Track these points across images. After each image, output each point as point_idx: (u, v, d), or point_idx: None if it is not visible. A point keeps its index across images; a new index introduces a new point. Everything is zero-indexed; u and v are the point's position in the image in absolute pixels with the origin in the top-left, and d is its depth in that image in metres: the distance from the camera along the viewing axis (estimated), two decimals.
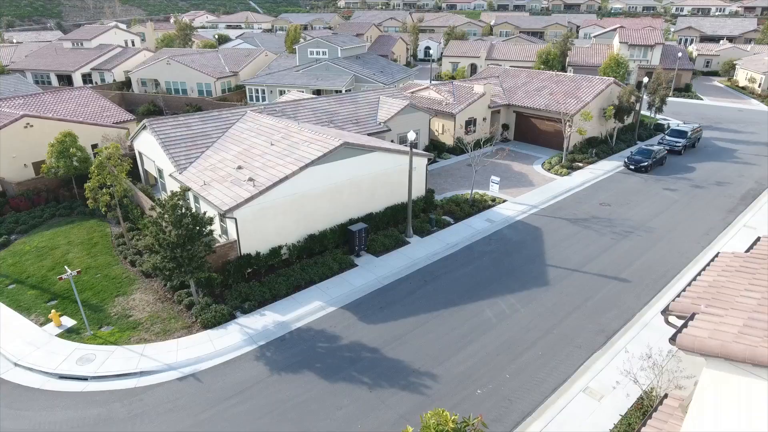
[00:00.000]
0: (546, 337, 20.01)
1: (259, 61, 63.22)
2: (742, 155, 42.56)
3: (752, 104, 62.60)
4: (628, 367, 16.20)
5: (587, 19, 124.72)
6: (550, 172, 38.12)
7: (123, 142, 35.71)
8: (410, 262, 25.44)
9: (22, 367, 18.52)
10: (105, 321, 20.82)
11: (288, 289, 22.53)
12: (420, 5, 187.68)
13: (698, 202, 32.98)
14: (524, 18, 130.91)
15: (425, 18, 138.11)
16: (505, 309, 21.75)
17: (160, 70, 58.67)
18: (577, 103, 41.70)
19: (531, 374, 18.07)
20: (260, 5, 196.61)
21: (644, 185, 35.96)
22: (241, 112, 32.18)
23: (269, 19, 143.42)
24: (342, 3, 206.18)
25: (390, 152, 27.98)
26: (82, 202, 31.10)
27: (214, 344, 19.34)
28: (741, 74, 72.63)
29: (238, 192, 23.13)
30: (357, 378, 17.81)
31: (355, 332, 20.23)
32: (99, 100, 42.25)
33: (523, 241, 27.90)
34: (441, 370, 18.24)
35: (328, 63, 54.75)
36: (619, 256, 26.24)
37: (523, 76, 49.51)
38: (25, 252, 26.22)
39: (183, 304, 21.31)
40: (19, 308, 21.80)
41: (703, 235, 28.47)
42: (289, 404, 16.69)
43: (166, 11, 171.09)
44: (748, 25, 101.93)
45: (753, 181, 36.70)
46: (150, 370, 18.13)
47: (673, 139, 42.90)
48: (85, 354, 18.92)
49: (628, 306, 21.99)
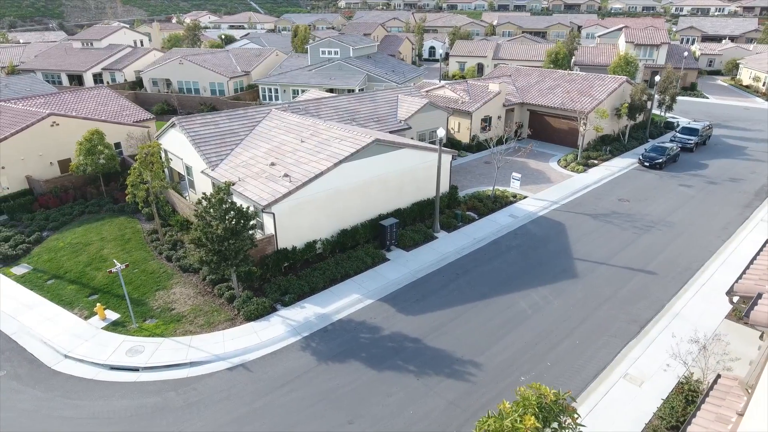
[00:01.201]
0: (581, 327, 20.57)
1: (270, 61, 63.62)
2: (752, 152, 43.28)
3: (757, 102, 63.44)
4: (675, 351, 16.71)
5: (589, 19, 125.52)
6: (566, 170, 38.72)
7: (147, 140, 36.12)
8: (440, 256, 25.96)
9: (72, 358, 18.93)
10: (148, 314, 21.24)
11: (325, 283, 23.02)
12: (421, 5, 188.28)
13: (714, 198, 33.64)
14: (526, 18, 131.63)
15: (427, 18, 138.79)
16: (538, 300, 22.31)
17: (172, 69, 58.99)
18: (591, 101, 42.33)
19: (570, 362, 18.61)
20: (261, 5, 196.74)
21: (660, 182, 36.61)
22: (266, 111, 32.62)
23: (272, 20, 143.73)
24: (342, 3, 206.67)
25: (417, 149, 28.51)
26: (111, 199, 31.60)
27: (259, 335, 19.81)
28: (745, 73, 73.52)
29: (274, 187, 23.59)
30: (403, 366, 18.32)
31: (395, 323, 20.74)
32: (118, 99, 42.59)
33: (547, 235, 28.46)
34: (483, 358, 18.77)
35: (341, 62, 55.22)
36: (643, 249, 26.83)
37: (536, 75, 50.13)
38: (59, 248, 26.60)
39: (224, 298, 21.76)
40: (62, 302, 22.20)
41: (722, 230, 29.10)
42: (340, 392, 17.18)
43: (167, 12, 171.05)
44: (749, 25, 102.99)
45: (765, 177, 37.40)
46: (200, 361, 18.58)
47: (685, 136, 43.58)
48: (134, 346, 19.35)
49: (657, 297, 22.58)
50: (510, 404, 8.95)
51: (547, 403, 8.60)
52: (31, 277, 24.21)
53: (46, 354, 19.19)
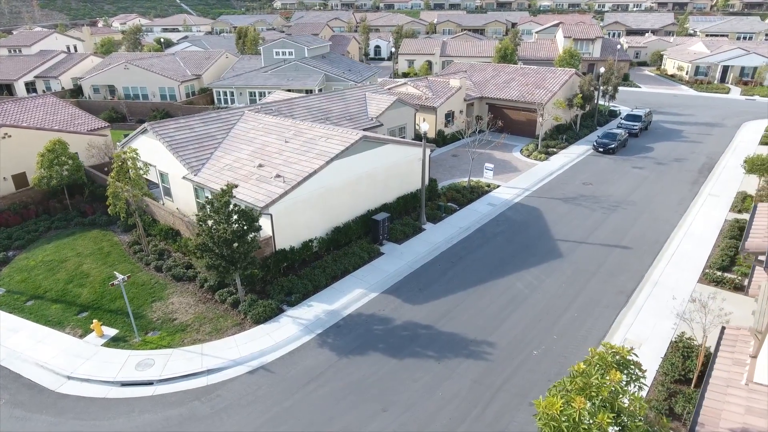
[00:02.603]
0: (576, 301, 22.03)
1: (221, 64, 61.93)
2: (688, 135, 47.48)
3: (683, 90, 69.38)
4: (679, 311, 18.36)
5: (522, 17, 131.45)
6: (530, 158, 40.76)
7: (109, 149, 34.39)
8: (432, 246, 26.73)
9: (76, 379, 17.96)
10: (149, 326, 20.46)
11: (327, 280, 23.14)
12: (358, 5, 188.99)
13: (665, 177, 36.71)
14: (464, 16, 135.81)
15: (368, 17, 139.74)
16: (532, 281, 23.61)
17: (116, 75, 56.03)
18: (546, 93, 44.77)
19: (574, 333, 19.95)
20: (191, 7, 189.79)
21: (615, 165, 39.43)
22: (239, 113, 32.00)
23: (208, 22, 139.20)
24: (278, 4, 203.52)
25: (400, 144, 29.16)
26: (78, 212, 29.85)
27: (272, 337, 19.66)
28: (669, 63, 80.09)
29: (268, 189, 23.37)
30: (421, 353, 18.88)
31: (404, 313, 21.25)
32: (67, 107, 40.05)
33: (526, 220, 30.00)
34: (494, 338, 19.71)
35: (297, 63, 54.81)
36: (614, 227, 28.95)
37: (490, 70, 52.19)
38: (31, 267, 24.87)
39: (227, 303, 21.35)
40: (49, 323, 20.88)
41: (678, 205, 31.92)
42: (366, 383, 17.48)
43: (91, 15, 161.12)
44: (667, 19, 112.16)
45: (704, 156, 41.25)
46: (217, 368, 18.21)
47: (630, 123, 47.06)
48: (143, 360, 18.62)
49: (636, 269, 24.55)
50: (583, 365, 9.75)
51: (622, 357, 9.49)
52: (5, 299, 22.53)
53: (46, 377, 18.07)
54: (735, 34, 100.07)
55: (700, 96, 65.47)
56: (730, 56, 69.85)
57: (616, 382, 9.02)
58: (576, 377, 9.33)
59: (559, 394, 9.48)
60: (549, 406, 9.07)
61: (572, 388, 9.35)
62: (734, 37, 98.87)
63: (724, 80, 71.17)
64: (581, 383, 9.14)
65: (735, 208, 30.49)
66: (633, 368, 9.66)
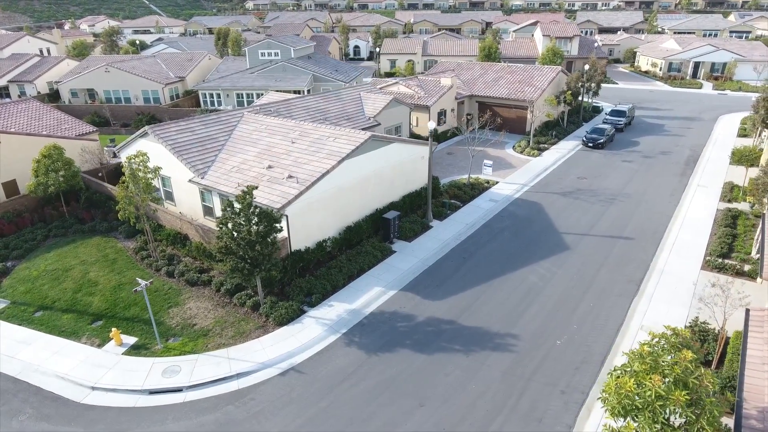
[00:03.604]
0: (589, 291, 22.67)
1: (204, 65, 60.94)
2: (670, 129, 49.20)
3: (658, 86, 71.77)
4: (701, 295, 18.96)
5: (497, 16, 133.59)
6: (523, 155, 41.54)
7: (100, 155, 33.53)
8: (441, 243, 27.02)
9: (102, 389, 17.51)
10: (169, 333, 20.09)
11: (344, 280, 23.15)
12: (332, 5, 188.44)
13: (654, 170, 37.99)
14: (440, 16, 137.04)
15: (344, 18, 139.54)
16: (545, 273, 24.15)
17: (97, 78, 54.46)
18: (535, 90, 45.72)
19: (592, 322, 20.53)
20: (161, 9, 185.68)
21: (605, 159, 40.57)
22: (238, 114, 31.65)
23: (181, 23, 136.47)
24: (250, 5, 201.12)
25: (406, 143, 29.37)
26: (75, 219, 28.99)
27: (297, 338, 19.58)
28: (643, 60, 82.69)
29: (282, 190, 23.22)
30: (449, 347, 19.12)
31: (425, 309, 21.46)
32: (51, 112, 38.81)
33: (529, 215, 30.62)
34: (517, 330, 20.11)
35: (284, 64, 54.38)
36: (614, 219, 29.84)
37: (477, 68, 52.91)
38: (34, 277, 24.06)
39: (247, 306, 21.14)
40: (63, 334, 20.27)
41: (670, 196, 33.10)
42: (399, 379, 17.61)
43: (56, 17, 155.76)
44: (636, 17, 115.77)
45: (688, 149, 42.85)
46: (246, 371, 18.04)
47: (615, 118, 48.45)
48: (168, 366, 18.29)
49: (641, 258, 25.39)
50: (646, 347, 10.16)
51: (683, 339, 9.92)
52: (12, 311, 21.74)
53: (69, 389, 17.56)
54: (701, 32, 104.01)
55: (675, 91, 67.86)
56: (701, 53, 72.65)
57: (688, 361, 9.45)
58: (646, 357, 9.72)
59: (626, 375, 9.84)
60: (621, 385, 9.41)
61: (641, 369, 9.73)
62: (700, 34, 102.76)
63: (696, 76, 73.95)
64: (651, 363, 9.53)
65: (725, 197, 31.81)
66: (693, 348, 10.12)
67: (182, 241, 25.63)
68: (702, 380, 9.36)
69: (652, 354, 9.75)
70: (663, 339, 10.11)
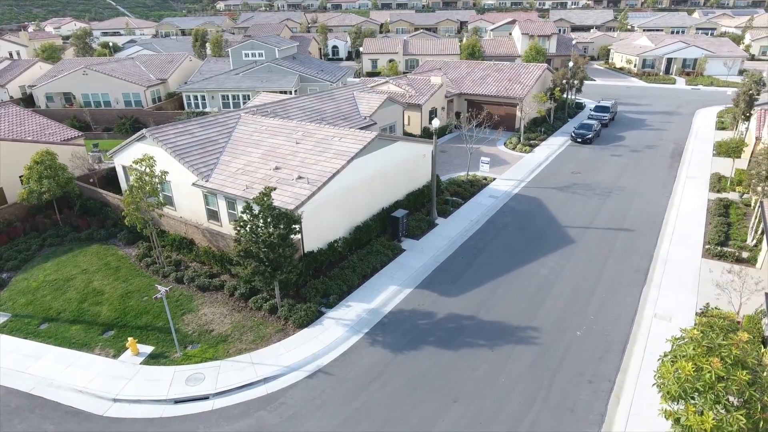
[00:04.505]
0: (600, 282, 23.17)
1: (185, 67, 59.65)
2: (651, 123, 50.71)
3: (633, 81, 73.84)
4: (718, 281, 19.63)
5: (472, 15, 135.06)
6: (515, 151, 42.15)
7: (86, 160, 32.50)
8: (449, 240, 27.17)
9: (124, 401, 16.95)
10: (186, 340, 19.60)
11: (359, 280, 23.04)
12: (306, 5, 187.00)
13: (643, 164, 39.10)
14: (416, 15, 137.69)
15: (319, 18, 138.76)
16: (554, 266, 24.57)
17: (74, 81, 52.61)
18: (523, 87, 46.44)
19: (607, 312, 21.00)
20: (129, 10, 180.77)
21: (595, 154, 41.53)
22: (236, 116, 31.09)
23: (152, 24, 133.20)
24: (221, 5, 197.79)
25: (408, 141, 29.41)
26: (70, 227, 27.97)
27: (320, 340, 19.38)
28: (617, 57, 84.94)
29: (293, 191, 22.94)
30: (473, 343, 19.25)
31: (443, 306, 21.55)
32: (33, 116, 37.35)
33: (530, 210, 31.09)
34: (536, 322, 20.40)
35: (270, 65, 53.69)
36: (612, 212, 30.58)
37: (464, 67, 53.39)
38: (34, 289, 23.10)
39: (264, 310, 20.81)
40: (74, 346, 19.54)
41: (663, 188, 34.13)
42: (429, 376, 17.64)
43: (19, 19, 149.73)
44: (607, 16, 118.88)
45: (672, 142, 44.25)
46: (273, 375, 17.75)
47: (600, 114, 49.65)
48: (191, 374, 17.84)
49: (645, 249, 26.10)
50: (696, 331, 10.49)
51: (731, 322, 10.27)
52: (15, 324, 20.82)
53: (89, 402, 16.93)
54: (669, 29, 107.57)
55: (651, 87, 69.95)
56: (673, 49, 75.10)
57: (744, 342, 9.79)
58: (702, 341, 10.02)
59: (682, 359, 10.13)
60: (681, 369, 9.67)
61: (696, 353, 10.03)
62: (669, 31, 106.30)
63: (669, 72, 76.41)
64: (707, 346, 9.83)
65: (714, 188, 32.98)
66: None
67: (188, 246, 25.03)
68: (761, 359, 9.73)
69: (707, 337, 10.07)
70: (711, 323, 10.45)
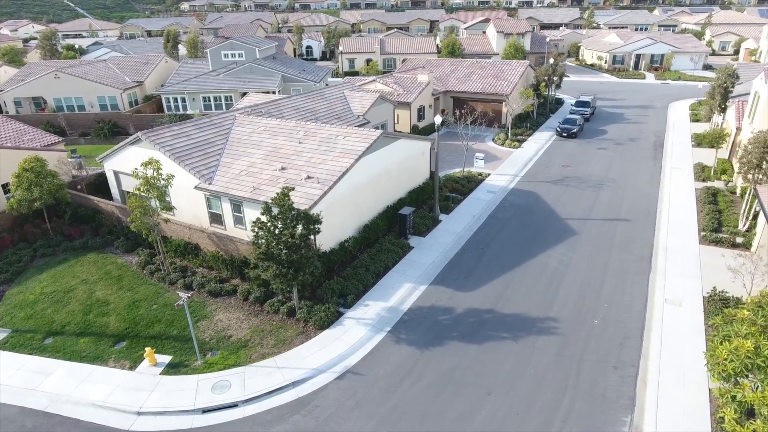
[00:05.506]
0: (608, 272, 23.73)
1: (161, 69, 57.92)
2: (629, 117, 52.32)
3: (605, 77, 76.08)
4: (732, 266, 20.22)
5: (442, 15, 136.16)
6: (504, 147, 42.73)
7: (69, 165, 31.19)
8: (455, 236, 27.31)
9: (149, 413, 16.31)
10: (205, 347, 19.02)
11: (373, 278, 22.88)
12: (273, 5, 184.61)
13: (628, 156, 40.30)
14: (387, 15, 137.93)
15: (289, 18, 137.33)
16: (562, 258, 25.03)
17: (45, 85, 50.29)
18: (508, 84, 47.14)
19: (619, 300, 21.53)
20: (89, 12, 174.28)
21: (581, 148, 42.54)
22: (230, 117, 30.40)
23: (116, 26, 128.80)
24: (186, 6, 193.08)
25: (409, 139, 29.41)
26: (62, 236, 26.75)
27: (344, 340, 19.15)
28: (587, 54, 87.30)
29: (303, 191, 22.58)
30: (496, 335, 19.40)
31: (461, 301, 21.64)
32: (9, 122, 35.49)
33: (529, 204, 31.58)
34: (554, 313, 20.74)
35: (251, 65, 52.71)
36: (607, 203, 31.39)
37: (447, 64, 53.78)
38: (32, 302, 21.96)
39: (281, 313, 20.41)
40: (85, 359, 18.67)
41: (651, 179, 35.26)
42: (459, 371, 17.66)
43: None
44: (574, 14, 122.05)
45: (652, 135, 45.78)
46: (302, 379, 17.42)
47: (581, 109, 50.92)
48: (216, 382, 17.32)
49: (644, 237, 26.90)
50: (747, 311, 10.89)
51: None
52: (17, 340, 19.74)
53: (112, 417, 16.20)
54: (633, 26, 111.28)
55: (622, 82, 72.21)
56: (642, 45, 77.75)
57: None
58: (758, 320, 10.40)
59: (739, 338, 10.48)
60: (740, 348, 10.01)
61: (751, 331, 10.40)
62: (633, 28, 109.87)
63: (638, 67, 79.04)
64: (762, 324, 10.22)
65: (699, 177, 34.30)
66: None
67: (193, 251, 24.31)
68: None
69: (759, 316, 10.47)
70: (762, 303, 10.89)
